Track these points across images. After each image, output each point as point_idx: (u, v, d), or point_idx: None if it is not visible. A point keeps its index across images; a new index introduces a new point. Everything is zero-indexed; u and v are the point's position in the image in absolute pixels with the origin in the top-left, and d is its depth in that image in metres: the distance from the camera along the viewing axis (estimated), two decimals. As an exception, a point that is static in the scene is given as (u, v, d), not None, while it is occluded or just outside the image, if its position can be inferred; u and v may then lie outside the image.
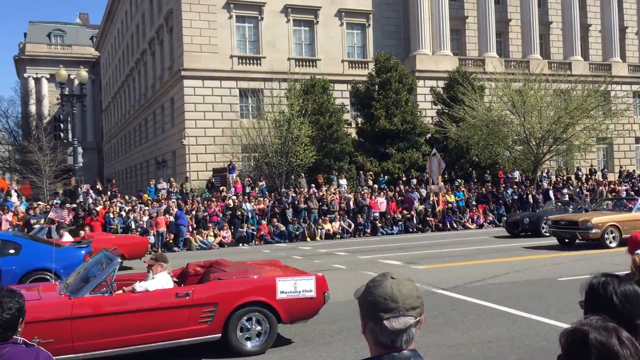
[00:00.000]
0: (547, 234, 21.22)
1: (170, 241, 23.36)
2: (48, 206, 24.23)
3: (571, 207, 24.36)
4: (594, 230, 17.29)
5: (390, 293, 1.94)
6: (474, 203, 29.39)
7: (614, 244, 17.32)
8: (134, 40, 50.18)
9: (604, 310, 2.13)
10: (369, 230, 26.43)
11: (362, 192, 27.84)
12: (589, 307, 2.21)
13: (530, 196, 29.90)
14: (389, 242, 22.70)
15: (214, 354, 7.53)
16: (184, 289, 7.40)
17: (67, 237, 17.20)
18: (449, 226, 27.61)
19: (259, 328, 7.49)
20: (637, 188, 33.23)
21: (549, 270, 13.72)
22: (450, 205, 28.64)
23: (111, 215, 23.22)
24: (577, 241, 18.61)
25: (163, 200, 25.62)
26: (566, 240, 18.82)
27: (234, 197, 26.38)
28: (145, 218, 23.81)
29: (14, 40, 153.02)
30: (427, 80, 38.28)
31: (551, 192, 30.47)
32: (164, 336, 7.07)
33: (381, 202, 27.40)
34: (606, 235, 17.40)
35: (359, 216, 26.52)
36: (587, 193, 31.74)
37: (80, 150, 26.20)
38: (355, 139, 34.13)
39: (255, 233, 24.81)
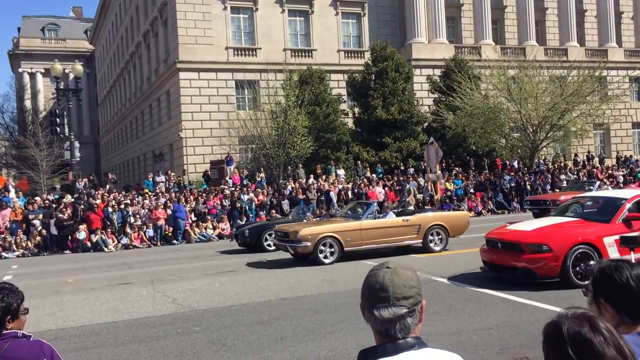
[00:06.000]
0: (271, 248, 17.56)
1: (169, 234, 23.37)
2: (46, 201, 24.20)
3: (309, 213, 19.94)
4: (303, 244, 14.42)
5: (381, 282, 1.95)
6: (472, 191, 29.43)
7: (329, 259, 14.47)
8: (129, 33, 49.94)
9: (616, 294, 2.14)
10: (367, 220, 26.39)
11: (359, 183, 27.85)
12: (599, 292, 2.20)
13: (527, 183, 29.93)
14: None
15: None
16: None
17: None
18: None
19: None
20: (634, 173, 33.29)
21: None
22: (448, 193, 28.68)
23: (110, 209, 23.18)
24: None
25: (161, 194, 25.61)
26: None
27: (232, 189, 26.37)
28: (144, 211, 23.80)
29: (8, 35, 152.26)
30: (424, 68, 38.22)
31: (331, 193, 26.51)
32: None
33: (379, 192, 27.42)
34: (321, 249, 14.50)
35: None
36: (585, 179, 31.74)
37: (77, 144, 26.07)
38: (352, 129, 34.09)
39: (254, 224, 24.81)
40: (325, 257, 14.56)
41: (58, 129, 25.74)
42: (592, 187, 24.34)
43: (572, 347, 1.69)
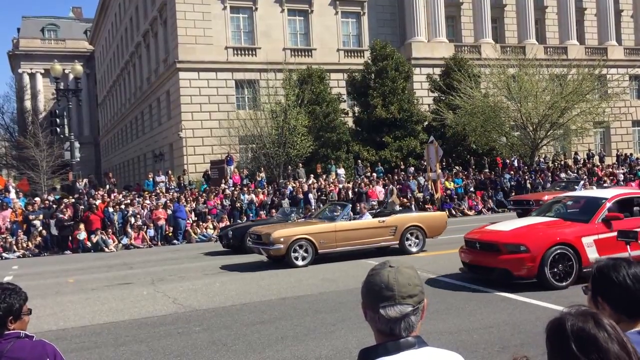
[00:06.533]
0: None
1: (170, 234, 23.38)
2: (46, 202, 24.20)
3: (294, 214, 19.41)
4: (275, 246, 14.08)
5: (386, 281, 1.95)
6: (472, 190, 29.43)
7: (303, 262, 14.14)
8: (128, 33, 49.93)
9: (615, 294, 2.15)
10: (368, 219, 26.36)
11: (360, 182, 27.84)
12: (597, 291, 2.21)
13: (528, 182, 29.92)
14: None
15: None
16: None
17: None
18: (447, 213, 27.57)
19: None
20: (635, 171, 33.31)
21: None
22: (449, 192, 28.68)
23: (110, 210, 23.19)
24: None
25: (162, 194, 25.62)
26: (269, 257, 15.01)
27: (232, 189, 26.38)
28: (144, 211, 23.80)
29: (8, 35, 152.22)
30: (424, 67, 38.21)
31: (310, 195, 25.76)
32: None
33: (380, 191, 27.42)
34: (294, 252, 14.16)
35: (358, 205, 26.45)
36: (586, 177, 31.77)
37: (77, 145, 26.07)
38: (352, 128, 34.09)
39: (254, 224, 24.78)
40: (299, 259, 14.24)
41: (58, 129, 25.74)
42: (576, 187, 24.12)
43: (575, 343, 1.69)
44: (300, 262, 14.21)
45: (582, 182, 25.92)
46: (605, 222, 10.36)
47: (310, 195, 26.07)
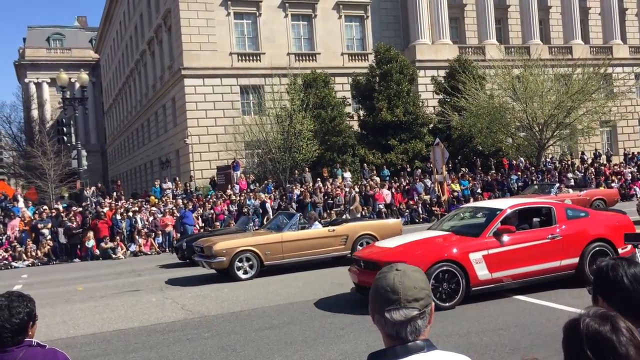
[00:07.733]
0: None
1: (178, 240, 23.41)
2: (54, 210, 24.31)
3: (252, 224, 19.01)
4: (217, 259, 13.51)
5: (392, 285, 1.94)
6: (479, 191, 29.35)
7: (248, 275, 13.62)
8: (133, 41, 50.16)
9: (613, 293, 2.13)
10: (375, 222, 26.30)
11: (367, 185, 27.82)
12: (597, 291, 2.20)
13: (535, 182, 29.81)
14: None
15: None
16: None
17: None
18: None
19: None
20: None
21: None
22: (455, 194, 28.62)
23: (118, 217, 23.27)
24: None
25: (168, 201, 25.69)
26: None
27: (238, 194, 26.42)
28: (152, 218, 23.86)
29: (14, 45, 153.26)
30: (428, 70, 38.15)
31: (267, 204, 25.04)
32: None
33: (386, 194, 27.40)
34: (238, 264, 13.62)
35: (365, 208, 26.51)
36: (593, 177, 31.64)
37: (84, 153, 26.20)
38: (357, 132, 34.07)
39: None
40: (244, 272, 13.65)
41: (65, 137, 25.90)
42: (551, 190, 23.33)
43: (590, 346, 1.66)
44: (244, 276, 13.62)
45: (557, 185, 24.67)
46: (497, 236, 9.58)
47: (268, 205, 25.49)
